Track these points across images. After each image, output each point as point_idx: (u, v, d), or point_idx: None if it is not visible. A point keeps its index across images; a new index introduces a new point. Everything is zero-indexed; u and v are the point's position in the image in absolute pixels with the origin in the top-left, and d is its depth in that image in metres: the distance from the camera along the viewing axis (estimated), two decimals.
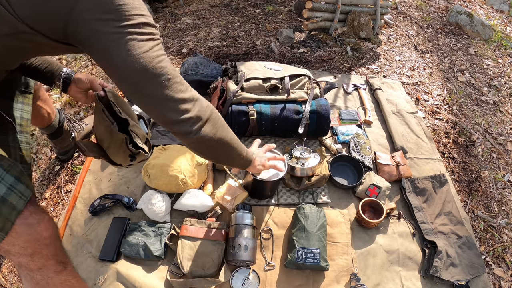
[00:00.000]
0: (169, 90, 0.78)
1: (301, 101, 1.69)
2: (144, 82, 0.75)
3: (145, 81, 0.75)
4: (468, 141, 2.05)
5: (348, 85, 2.18)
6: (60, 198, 1.57)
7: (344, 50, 2.56)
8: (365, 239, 1.43)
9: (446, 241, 1.43)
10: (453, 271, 1.34)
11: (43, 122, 1.46)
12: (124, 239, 1.32)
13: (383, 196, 1.53)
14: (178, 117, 0.81)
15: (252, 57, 2.39)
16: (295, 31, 2.69)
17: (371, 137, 1.84)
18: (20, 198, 0.84)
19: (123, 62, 0.72)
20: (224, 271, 1.23)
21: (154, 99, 0.78)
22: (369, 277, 1.32)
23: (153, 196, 1.40)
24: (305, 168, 1.49)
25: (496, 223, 1.66)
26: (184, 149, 1.51)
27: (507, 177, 1.89)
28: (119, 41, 0.70)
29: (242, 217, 1.30)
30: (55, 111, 1.51)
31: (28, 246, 0.87)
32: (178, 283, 1.21)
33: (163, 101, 0.79)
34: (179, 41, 2.59)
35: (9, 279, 1.35)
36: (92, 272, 1.26)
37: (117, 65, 0.73)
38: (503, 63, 2.86)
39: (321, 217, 1.37)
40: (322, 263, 1.25)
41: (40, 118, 1.43)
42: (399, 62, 2.60)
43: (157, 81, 0.76)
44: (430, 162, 1.78)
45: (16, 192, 0.84)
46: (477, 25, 3.13)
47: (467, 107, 2.31)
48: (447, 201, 1.58)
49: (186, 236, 1.29)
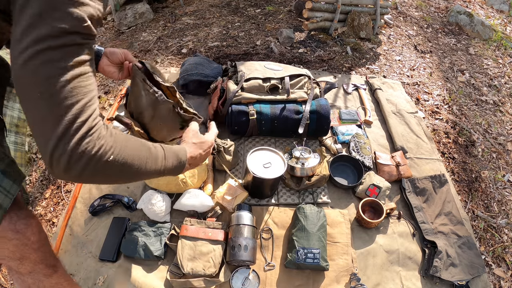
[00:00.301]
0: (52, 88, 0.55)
1: (301, 101, 1.69)
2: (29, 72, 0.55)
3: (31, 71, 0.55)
4: (468, 141, 2.05)
5: (348, 85, 2.18)
6: (60, 198, 1.57)
7: (344, 50, 2.56)
8: (365, 239, 1.43)
9: (446, 241, 1.43)
10: (453, 271, 1.34)
11: None
12: (124, 239, 1.32)
13: (383, 196, 1.53)
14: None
15: (252, 57, 2.39)
16: (295, 31, 2.69)
17: (371, 137, 1.84)
18: (5, 196, 0.80)
19: (17, 43, 0.54)
20: (224, 271, 1.23)
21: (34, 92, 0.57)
22: (369, 277, 1.32)
23: (153, 196, 1.40)
24: (305, 168, 1.49)
25: (496, 223, 1.66)
26: None
27: (507, 177, 1.89)
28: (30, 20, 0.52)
29: (242, 217, 1.30)
30: None
31: (16, 250, 0.86)
32: (178, 283, 1.21)
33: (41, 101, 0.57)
34: (179, 41, 2.59)
35: (9, 279, 1.35)
36: (92, 272, 1.26)
37: (15, 41, 0.54)
38: (503, 63, 2.86)
39: (321, 217, 1.37)
40: (322, 263, 1.25)
41: None
42: (399, 62, 2.60)
43: (46, 79, 0.55)
44: (430, 162, 1.78)
45: (1, 190, 0.79)
46: (477, 25, 3.13)
47: (467, 107, 2.31)
48: (447, 201, 1.58)
49: (186, 236, 1.29)
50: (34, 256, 0.90)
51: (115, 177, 0.65)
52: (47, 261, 0.94)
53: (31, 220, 0.88)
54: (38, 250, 0.90)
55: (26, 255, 0.88)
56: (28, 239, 0.86)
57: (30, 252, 0.88)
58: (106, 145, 0.59)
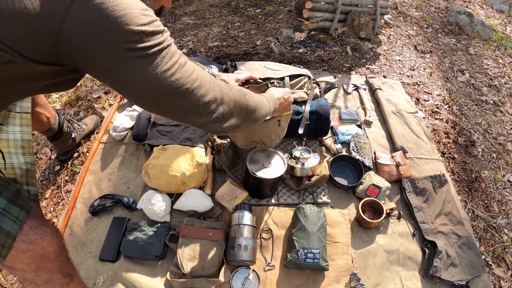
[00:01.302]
0: (189, 100, 0.72)
1: (301, 101, 1.69)
2: (162, 99, 0.69)
3: (163, 99, 0.69)
4: (468, 141, 2.05)
5: (348, 85, 2.18)
6: (60, 198, 1.57)
7: (344, 50, 2.56)
8: (365, 239, 1.43)
9: (446, 241, 1.43)
10: (453, 271, 1.34)
11: (42, 127, 1.45)
12: (124, 239, 1.32)
13: (383, 196, 1.53)
14: (208, 119, 0.79)
15: (252, 57, 2.39)
16: (295, 31, 2.69)
17: (371, 137, 1.84)
18: (14, 223, 0.78)
19: (132, 85, 0.65)
20: (224, 271, 1.23)
21: (178, 111, 0.74)
22: (369, 277, 1.32)
23: (153, 196, 1.40)
24: (305, 168, 1.49)
25: (496, 223, 1.66)
26: (184, 149, 1.51)
27: (507, 177, 1.89)
28: (122, 63, 0.61)
29: (242, 217, 1.30)
30: (54, 114, 1.50)
31: (31, 262, 0.82)
32: (178, 283, 1.21)
33: (187, 111, 0.75)
34: (179, 41, 2.59)
35: (9, 279, 1.35)
36: (92, 272, 1.26)
37: (127, 87, 0.67)
38: (503, 63, 2.86)
39: (321, 217, 1.37)
40: (322, 263, 1.25)
41: (39, 123, 1.42)
42: (399, 62, 2.60)
43: (174, 96, 0.70)
44: (430, 162, 1.78)
45: (9, 217, 0.78)
46: (477, 25, 3.13)
47: (467, 107, 2.31)
48: (447, 201, 1.58)
49: (186, 236, 1.29)
50: (51, 266, 0.86)
51: (248, 123, 0.95)
52: (64, 270, 0.90)
53: (46, 229, 0.84)
54: (55, 259, 0.86)
55: (42, 265, 0.84)
56: (43, 249, 0.82)
57: (46, 262, 0.84)
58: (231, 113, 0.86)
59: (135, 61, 0.62)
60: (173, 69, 0.67)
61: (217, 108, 0.80)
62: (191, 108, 0.75)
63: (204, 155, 1.54)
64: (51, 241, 0.84)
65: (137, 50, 0.61)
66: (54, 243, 0.85)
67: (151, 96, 0.68)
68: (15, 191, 0.83)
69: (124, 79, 0.65)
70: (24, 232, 0.80)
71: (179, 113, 0.76)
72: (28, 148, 1.00)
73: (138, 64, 0.63)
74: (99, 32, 0.58)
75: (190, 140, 1.64)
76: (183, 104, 0.73)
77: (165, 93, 0.68)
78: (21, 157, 0.97)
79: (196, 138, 1.66)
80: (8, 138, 0.97)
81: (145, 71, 0.64)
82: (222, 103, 0.81)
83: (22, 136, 1.01)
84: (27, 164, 0.97)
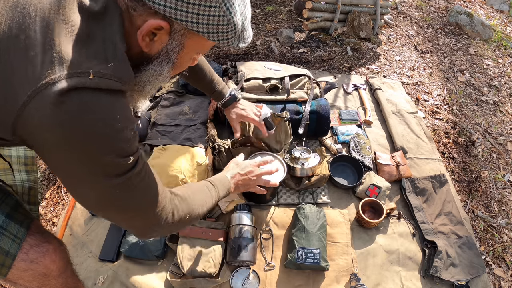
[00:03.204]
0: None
1: (301, 101, 1.69)
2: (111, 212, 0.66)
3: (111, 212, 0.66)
4: (468, 141, 2.05)
5: (348, 85, 2.18)
6: (60, 198, 1.57)
7: (344, 50, 2.56)
8: (365, 239, 1.43)
9: (446, 241, 1.43)
10: (453, 271, 1.34)
11: None
12: (124, 239, 1.32)
13: (383, 196, 1.53)
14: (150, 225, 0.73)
15: (252, 57, 2.39)
16: (295, 31, 2.69)
17: (371, 137, 1.84)
18: (13, 242, 0.74)
19: (84, 195, 0.61)
20: (224, 271, 1.23)
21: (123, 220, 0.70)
22: (369, 277, 1.32)
23: None
24: (305, 168, 1.49)
25: (496, 223, 1.66)
26: (184, 149, 1.51)
27: (507, 177, 1.89)
28: (78, 180, 0.57)
29: (242, 218, 1.30)
30: None
31: (33, 280, 0.79)
32: (178, 283, 1.21)
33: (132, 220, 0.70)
34: None
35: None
36: (92, 272, 1.26)
37: (78, 195, 0.62)
38: (503, 63, 2.86)
39: (321, 217, 1.37)
40: (322, 263, 1.25)
41: None
42: (399, 62, 2.60)
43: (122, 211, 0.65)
44: (430, 162, 1.78)
45: (7, 235, 0.73)
46: (477, 25, 3.13)
47: (467, 107, 2.31)
48: (447, 201, 1.58)
49: (186, 236, 1.29)
50: (54, 282, 0.83)
51: (189, 223, 0.84)
52: (68, 284, 0.87)
53: (48, 246, 0.80)
54: (58, 277, 0.83)
55: (46, 283, 0.81)
56: (46, 268, 0.79)
57: (49, 280, 0.81)
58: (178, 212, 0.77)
59: (94, 185, 0.58)
60: (127, 195, 0.62)
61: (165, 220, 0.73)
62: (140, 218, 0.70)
63: (204, 155, 1.54)
64: (54, 258, 0.80)
65: (99, 175, 0.57)
66: (57, 260, 0.81)
67: (93, 207, 0.65)
68: (14, 203, 0.80)
69: (77, 191, 0.62)
70: (24, 250, 0.76)
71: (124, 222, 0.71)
72: (31, 165, 0.96)
73: (95, 188, 0.59)
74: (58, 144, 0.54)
75: (190, 140, 1.64)
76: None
77: (113, 210, 0.65)
78: (24, 174, 0.94)
79: (196, 138, 1.66)
80: (11, 155, 0.94)
81: (98, 194, 0.60)
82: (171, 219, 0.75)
83: (25, 152, 0.98)
84: (30, 182, 0.94)
